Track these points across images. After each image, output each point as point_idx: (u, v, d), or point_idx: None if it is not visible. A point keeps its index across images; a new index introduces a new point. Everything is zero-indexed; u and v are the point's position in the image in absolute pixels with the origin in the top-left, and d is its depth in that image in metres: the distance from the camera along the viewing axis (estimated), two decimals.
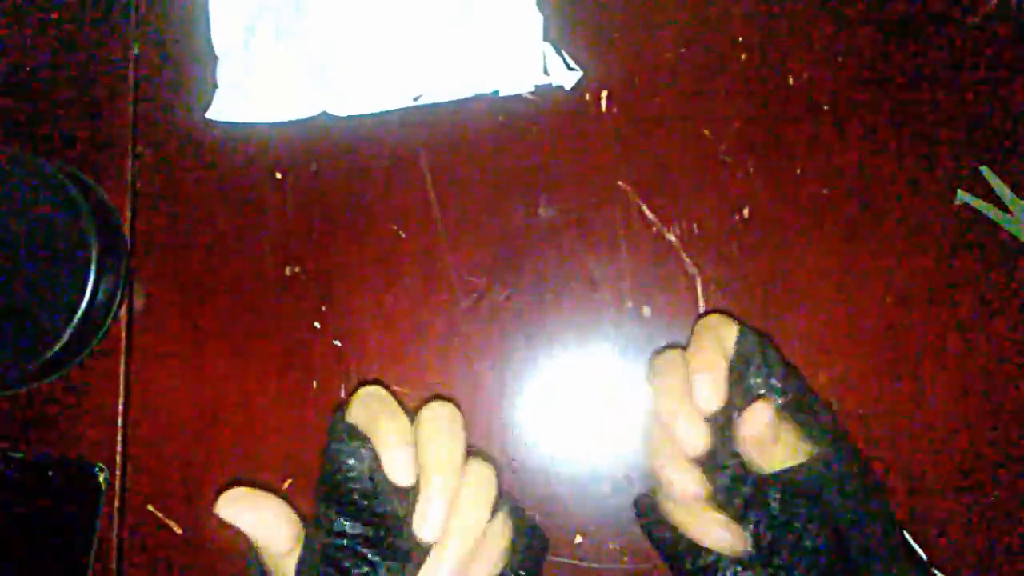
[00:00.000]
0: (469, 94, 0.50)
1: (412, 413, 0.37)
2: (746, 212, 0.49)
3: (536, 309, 0.49)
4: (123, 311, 0.51)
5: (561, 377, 0.49)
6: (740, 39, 0.50)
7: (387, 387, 0.41)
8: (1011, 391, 0.47)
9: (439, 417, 0.36)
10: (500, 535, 0.36)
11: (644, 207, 0.50)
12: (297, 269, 0.50)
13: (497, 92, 0.50)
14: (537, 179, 0.50)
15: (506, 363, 0.49)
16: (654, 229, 0.49)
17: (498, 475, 0.36)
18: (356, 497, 0.35)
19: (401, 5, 0.50)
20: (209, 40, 0.52)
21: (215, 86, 0.52)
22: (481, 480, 0.35)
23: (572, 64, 0.50)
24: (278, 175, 0.51)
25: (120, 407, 0.51)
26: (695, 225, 0.49)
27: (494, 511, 0.35)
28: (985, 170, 0.48)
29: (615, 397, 0.48)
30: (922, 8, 0.50)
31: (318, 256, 0.50)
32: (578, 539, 0.47)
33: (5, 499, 0.50)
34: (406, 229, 0.50)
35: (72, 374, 0.51)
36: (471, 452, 0.37)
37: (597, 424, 0.48)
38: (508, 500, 0.37)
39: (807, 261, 0.48)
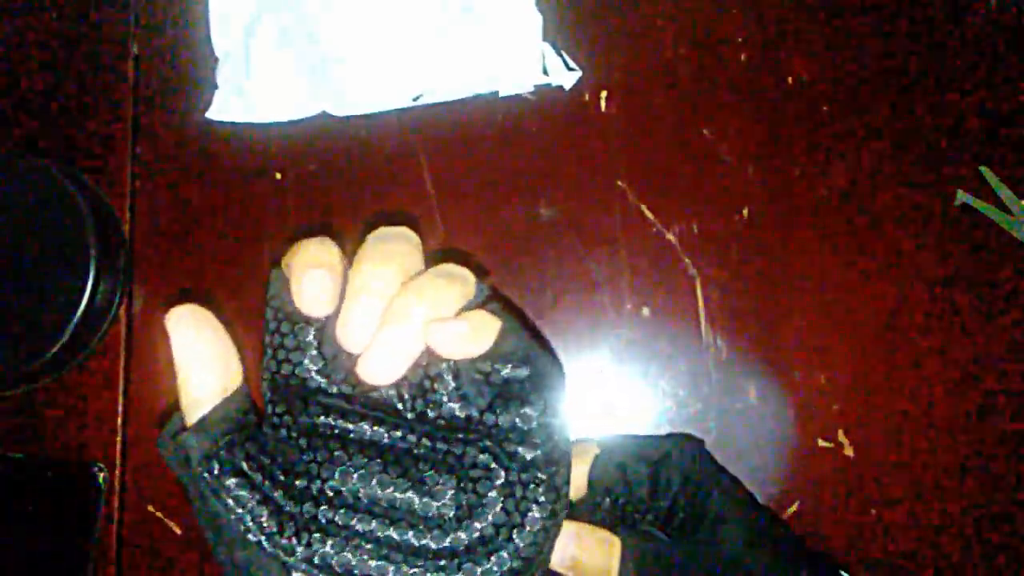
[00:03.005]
0: (469, 94, 0.50)
1: None
2: (746, 212, 0.49)
3: (536, 309, 0.49)
4: (123, 311, 0.51)
5: None
6: (740, 39, 0.50)
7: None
8: (1011, 391, 0.47)
9: (384, 238, 0.28)
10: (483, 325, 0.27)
11: (644, 207, 0.50)
12: None
13: (497, 92, 0.50)
14: (537, 179, 0.50)
15: None
16: (654, 229, 0.49)
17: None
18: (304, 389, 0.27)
19: (401, 5, 0.50)
20: (209, 40, 0.52)
21: (215, 86, 0.52)
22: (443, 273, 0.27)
23: (572, 64, 0.50)
24: (278, 175, 0.51)
25: (120, 407, 0.51)
26: (695, 225, 0.49)
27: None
28: (985, 170, 0.48)
29: (615, 398, 0.48)
30: (922, 8, 0.50)
31: None
32: None
33: (5, 499, 0.50)
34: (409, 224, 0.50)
35: (72, 374, 0.51)
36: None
37: (597, 424, 0.48)
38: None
39: (807, 261, 0.48)
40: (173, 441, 0.25)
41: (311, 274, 0.26)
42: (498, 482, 0.26)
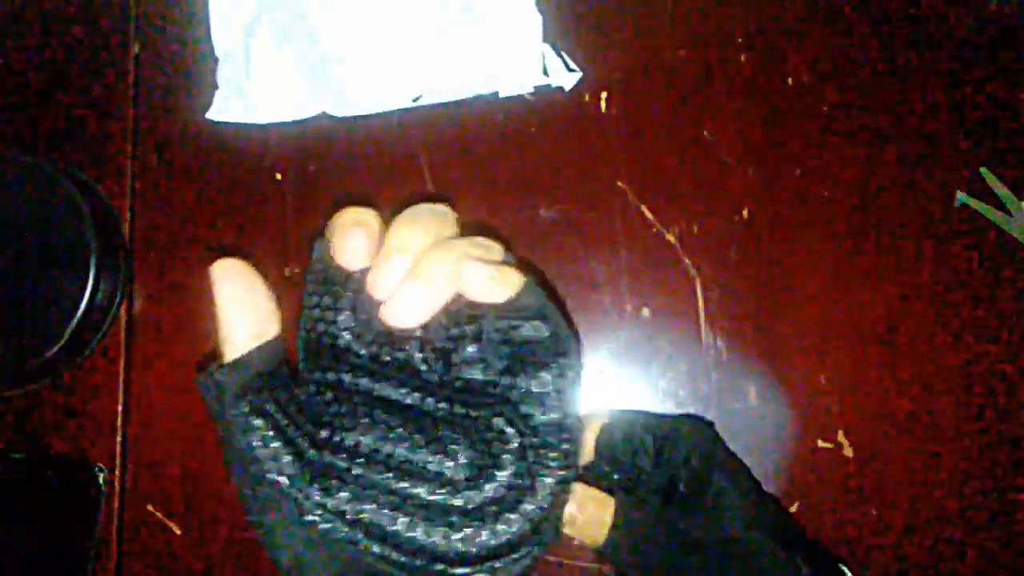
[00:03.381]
0: (469, 94, 0.50)
1: None
2: (746, 212, 0.49)
3: None
4: (123, 311, 0.51)
5: None
6: (740, 39, 0.50)
7: None
8: (1011, 391, 0.47)
9: (420, 208, 0.30)
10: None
11: (644, 207, 0.50)
12: (297, 269, 0.50)
13: (497, 93, 0.50)
14: (537, 179, 0.50)
15: None
16: (654, 229, 0.49)
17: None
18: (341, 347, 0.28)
19: (401, 5, 0.50)
20: (209, 40, 0.52)
21: (215, 87, 0.52)
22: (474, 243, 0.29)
23: (572, 65, 0.50)
24: (278, 175, 0.51)
25: (120, 408, 0.51)
26: (695, 225, 0.49)
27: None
28: (985, 171, 0.48)
29: (615, 398, 0.48)
30: (922, 8, 0.50)
31: None
32: (576, 539, 0.47)
33: (5, 499, 0.50)
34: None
35: (72, 374, 0.51)
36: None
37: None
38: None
39: (807, 261, 0.48)
40: (210, 377, 0.27)
41: (350, 229, 0.29)
42: (511, 446, 0.26)
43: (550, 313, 0.28)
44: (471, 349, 0.28)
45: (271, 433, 0.26)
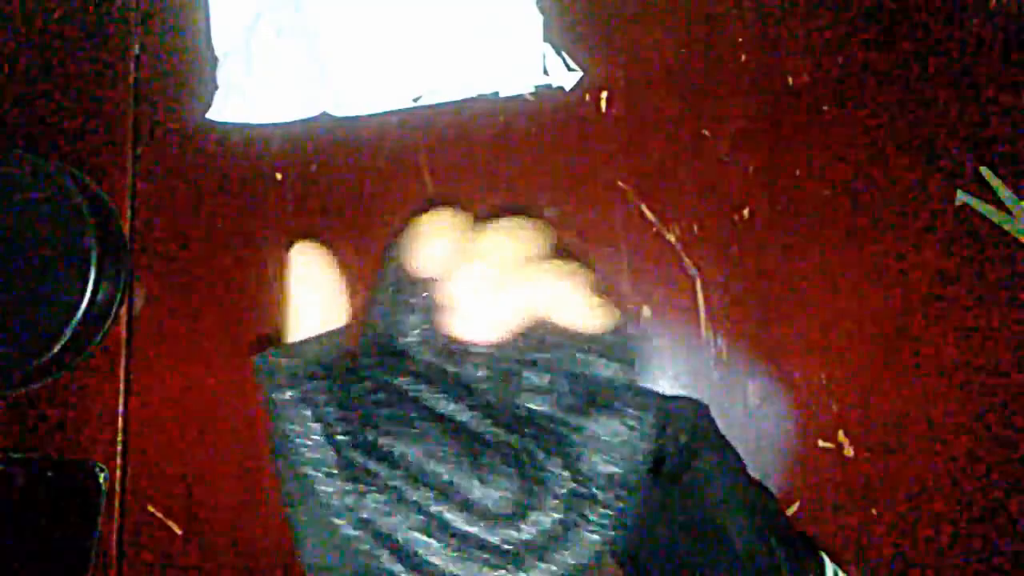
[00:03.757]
0: (469, 95, 0.50)
1: None
2: (746, 212, 0.49)
3: None
4: (123, 311, 0.51)
5: None
6: (740, 39, 0.50)
7: None
8: (1011, 391, 0.47)
9: (512, 219, 0.28)
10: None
11: (644, 207, 0.50)
12: None
13: (497, 92, 0.50)
14: (537, 179, 0.50)
15: None
16: (654, 229, 0.49)
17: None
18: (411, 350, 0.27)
19: (401, 6, 0.50)
20: (209, 40, 0.52)
21: (215, 87, 0.52)
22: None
23: (572, 65, 0.50)
24: (278, 175, 0.51)
25: (120, 407, 0.51)
26: (695, 225, 0.49)
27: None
28: (985, 171, 0.48)
29: None
30: (922, 9, 0.50)
31: None
32: None
33: (5, 499, 0.50)
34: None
35: (72, 374, 0.51)
36: None
37: None
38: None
39: (807, 261, 0.48)
40: (265, 358, 0.26)
41: (430, 234, 0.27)
42: (561, 490, 0.25)
43: (634, 359, 0.27)
44: (539, 378, 0.27)
45: (315, 424, 0.25)
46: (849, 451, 0.47)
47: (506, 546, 0.24)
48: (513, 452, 0.26)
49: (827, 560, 0.38)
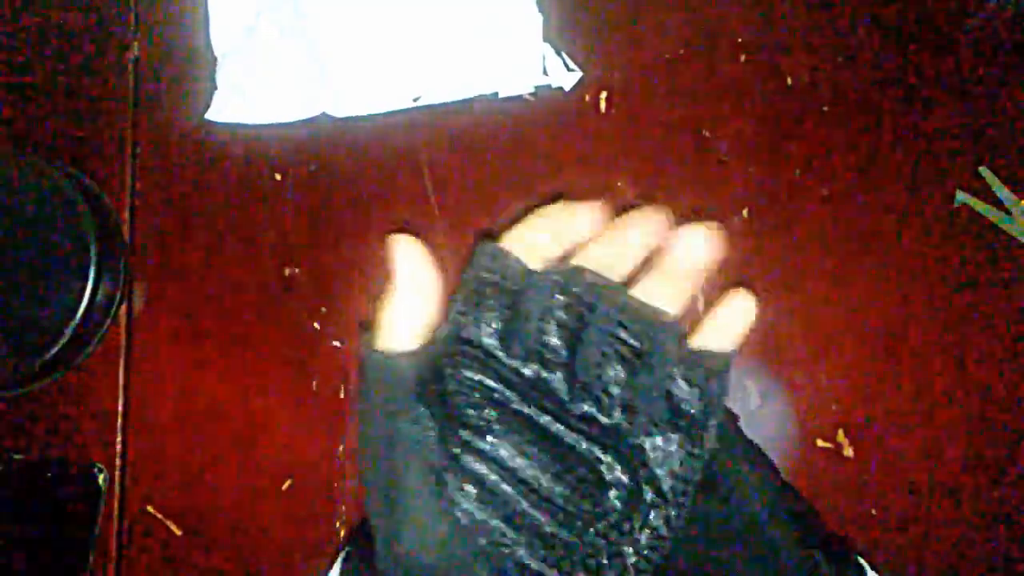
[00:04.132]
0: (469, 95, 0.50)
1: None
2: (746, 212, 0.49)
3: None
4: (123, 311, 0.51)
5: None
6: (740, 39, 0.50)
7: None
8: (1011, 391, 0.47)
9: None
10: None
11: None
12: (297, 270, 0.50)
13: (497, 93, 0.50)
14: (537, 179, 0.50)
15: None
16: None
17: None
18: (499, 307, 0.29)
19: (401, 6, 0.50)
20: (209, 41, 0.52)
21: (214, 87, 0.52)
22: None
23: (572, 65, 0.50)
24: (278, 176, 0.51)
25: (120, 407, 0.51)
26: None
27: None
28: (985, 170, 0.48)
29: None
30: (922, 9, 0.50)
31: (317, 257, 0.50)
32: None
33: (5, 499, 0.50)
34: (406, 230, 0.50)
35: (72, 374, 0.51)
36: None
37: None
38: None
39: (807, 261, 0.48)
40: (384, 359, 0.28)
41: (536, 229, 0.31)
42: (620, 503, 0.27)
43: (722, 391, 0.30)
44: (624, 390, 0.28)
45: (430, 423, 0.26)
46: (849, 451, 0.47)
47: (572, 550, 0.26)
48: (587, 458, 0.27)
49: (865, 565, 0.38)
